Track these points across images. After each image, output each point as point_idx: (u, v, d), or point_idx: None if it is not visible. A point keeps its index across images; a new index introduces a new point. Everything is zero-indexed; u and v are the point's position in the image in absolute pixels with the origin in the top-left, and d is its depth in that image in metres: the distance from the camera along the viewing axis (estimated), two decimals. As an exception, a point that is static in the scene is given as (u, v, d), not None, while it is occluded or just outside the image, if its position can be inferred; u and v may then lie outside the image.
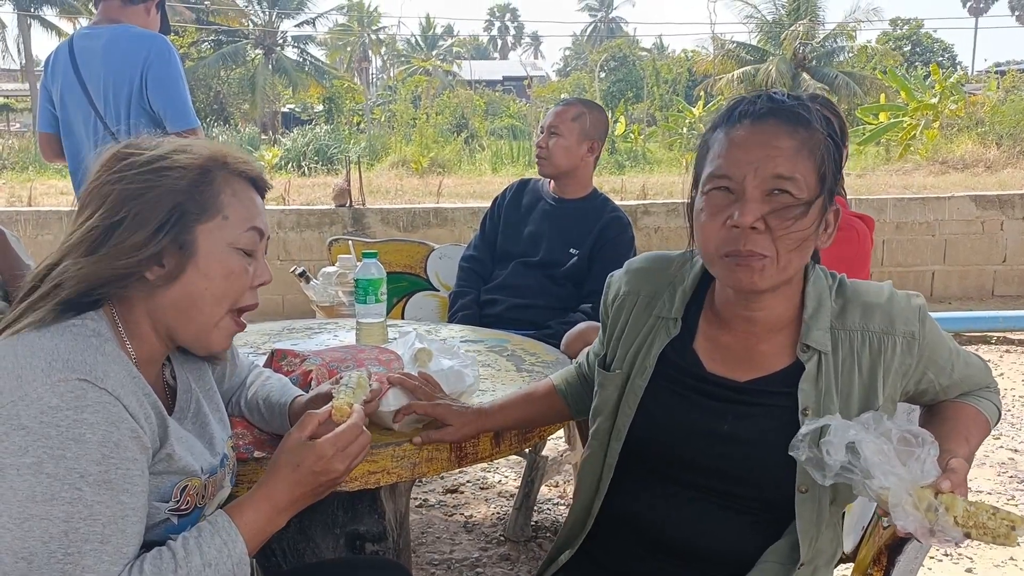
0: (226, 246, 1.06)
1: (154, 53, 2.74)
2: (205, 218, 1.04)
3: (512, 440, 1.53)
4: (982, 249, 6.60)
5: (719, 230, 1.11)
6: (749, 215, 1.08)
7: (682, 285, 1.27)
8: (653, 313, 1.27)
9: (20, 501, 0.89)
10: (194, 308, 1.05)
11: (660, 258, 1.33)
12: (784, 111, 1.12)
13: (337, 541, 1.69)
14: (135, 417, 0.96)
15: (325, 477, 1.08)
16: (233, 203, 1.06)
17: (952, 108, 15.69)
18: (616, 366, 1.30)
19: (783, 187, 1.09)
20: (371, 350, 1.66)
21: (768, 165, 1.09)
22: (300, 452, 1.07)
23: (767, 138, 1.10)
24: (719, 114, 1.18)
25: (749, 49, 25.63)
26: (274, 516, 1.06)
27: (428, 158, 15.38)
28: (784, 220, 1.09)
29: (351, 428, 1.10)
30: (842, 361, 1.17)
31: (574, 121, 2.70)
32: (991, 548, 2.64)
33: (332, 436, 1.08)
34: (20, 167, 15.43)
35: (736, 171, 1.10)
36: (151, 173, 1.02)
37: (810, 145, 1.11)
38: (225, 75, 27.72)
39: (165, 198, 1.02)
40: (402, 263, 3.15)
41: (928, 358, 1.21)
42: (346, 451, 1.09)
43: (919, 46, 40.17)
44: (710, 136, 1.17)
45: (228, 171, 1.07)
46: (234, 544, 1.01)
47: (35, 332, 0.97)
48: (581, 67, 46.25)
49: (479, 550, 2.65)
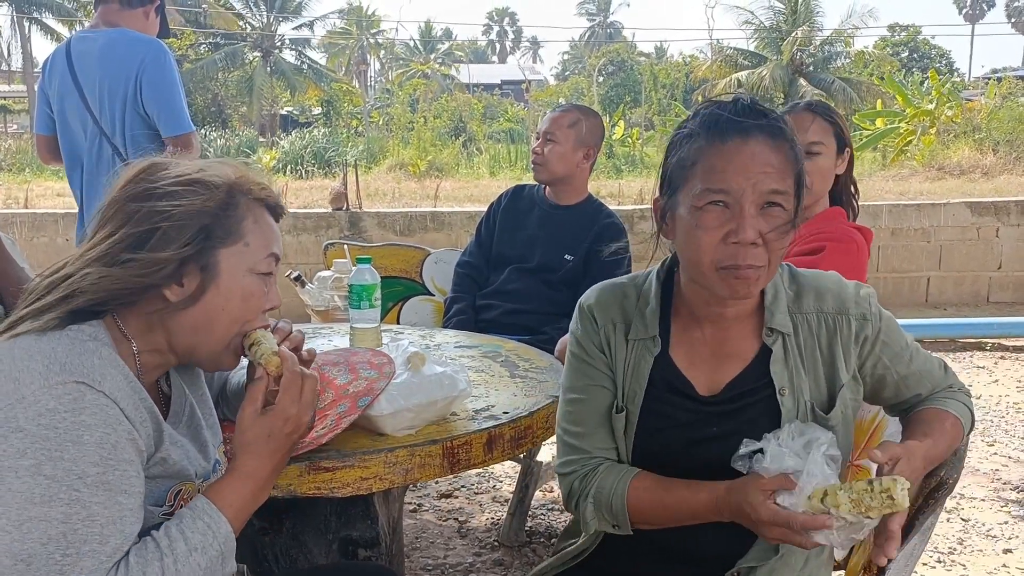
0: (246, 271, 1.08)
1: (149, 57, 2.74)
2: (229, 242, 1.06)
3: (505, 446, 1.53)
4: (977, 255, 6.61)
5: (718, 245, 1.13)
6: (751, 231, 1.11)
7: (648, 306, 1.28)
8: (629, 338, 1.28)
9: (19, 503, 0.90)
10: (211, 328, 1.07)
11: (614, 287, 1.33)
12: (769, 126, 1.15)
13: (330, 547, 1.69)
14: (131, 420, 0.97)
15: (297, 434, 1.10)
16: (255, 230, 1.09)
17: (949, 114, 15.72)
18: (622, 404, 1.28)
19: (776, 201, 1.13)
20: (364, 352, 1.67)
21: (765, 181, 1.12)
22: (265, 422, 1.08)
23: (760, 154, 1.13)
24: (697, 122, 1.19)
25: (747, 55, 25.68)
26: (258, 492, 1.08)
27: (426, 161, 15.37)
28: (779, 234, 1.13)
29: (293, 375, 1.11)
30: (804, 341, 1.23)
31: (570, 128, 2.71)
32: (984, 555, 2.65)
33: (284, 394, 1.09)
34: (17, 169, 15.40)
35: (734, 186, 1.12)
36: (182, 193, 1.04)
37: (791, 158, 1.16)
38: (223, 78, 27.72)
39: (194, 218, 1.03)
40: (398, 267, 3.15)
41: (883, 342, 1.24)
42: (304, 400, 1.10)
43: (916, 52, 40.29)
44: (691, 145, 1.17)
45: (251, 197, 1.10)
46: (219, 525, 1.02)
47: (33, 336, 0.98)
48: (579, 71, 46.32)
49: (473, 555, 2.65)
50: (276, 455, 1.09)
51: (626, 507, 1.22)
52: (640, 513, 1.22)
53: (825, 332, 1.23)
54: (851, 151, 2.12)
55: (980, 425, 3.88)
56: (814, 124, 2.07)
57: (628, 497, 1.22)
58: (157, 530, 1.02)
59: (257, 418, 1.09)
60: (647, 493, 1.22)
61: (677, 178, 1.19)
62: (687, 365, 1.26)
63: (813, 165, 2.06)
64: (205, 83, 26.35)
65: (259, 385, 1.11)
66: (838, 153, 2.09)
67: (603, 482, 1.24)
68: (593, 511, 1.24)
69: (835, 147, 2.08)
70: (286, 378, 1.10)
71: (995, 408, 4.16)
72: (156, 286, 1.03)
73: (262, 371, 1.12)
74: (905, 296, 6.56)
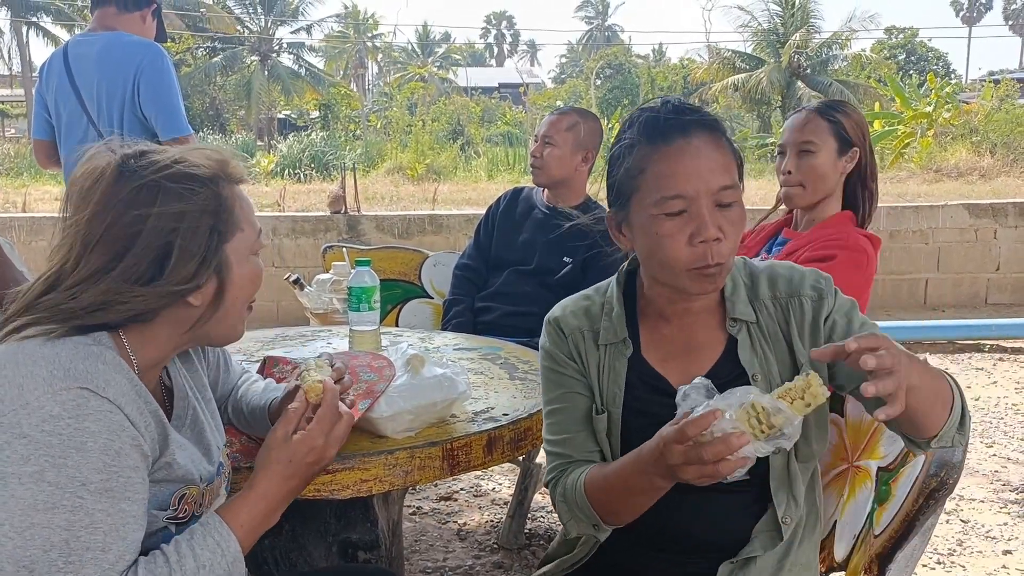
0: (248, 255, 1.09)
1: (147, 61, 2.74)
2: (230, 235, 1.06)
3: (505, 448, 1.53)
4: (976, 257, 6.62)
5: (686, 248, 1.15)
6: (714, 229, 1.13)
7: (613, 311, 1.30)
8: (600, 343, 1.30)
9: (22, 510, 0.89)
10: (225, 316, 1.08)
11: (577, 298, 1.36)
12: (704, 121, 1.17)
13: (330, 549, 1.69)
14: (136, 425, 0.97)
15: (318, 466, 1.10)
16: (244, 213, 1.08)
17: (946, 116, 15.76)
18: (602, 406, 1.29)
19: (729, 199, 1.16)
20: (363, 356, 1.66)
21: (714, 178, 1.14)
22: (290, 447, 1.08)
23: (704, 150, 1.15)
24: (636, 130, 1.20)
25: (744, 57, 25.73)
26: (270, 514, 1.08)
27: (424, 165, 15.38)
28: (734, 226, 1.16)
29: (330, 408, 1.11)
30: (766, 327, 1.25)
31: (568, 131, 2.71)
32: (983, 557, 2.65)
33: (316, 424, 1.10)
34: (15, 173, 15.39)
35: (689, 188, 1.14)
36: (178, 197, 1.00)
37: (730, 148, 1.19)
38: (221, 81, 27.73)
39: (202, 221, 1.02)
40: (396, 270, 3.15)
41: (845, 315, 1.22)
42: (333, 434, 1.11)
43: (914, 55, 40.36)
44: (634, 153, 1.18)
45: (228, 181, 1.08)
46: (228, 544, 1.02)
47: (39, 342, 0.97)
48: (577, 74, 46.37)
49: (472, 558, 2.65)
50: (291, 480, 1.09)
51: (585, 495, 1.22)
52: (597, 493, 1.21)
53: (782, 315, 1.25)
54: (863, 151, 2.07)
55: (979, 426, 3.89)
56: (809, 124, 2.06)
57: (585, 484, 1.23)
58: (166, 541, 1.02)
59: (285, 441, 1.09)
60: (598, 471, 1.22)
61: (626, 188, 1.20)
62: (660, 362, 1.28)
63: (805, 164, 2.06)
64: (203, 87, 26.37)
65: (297, 409, 1.12)
66: (841, 153, 2.06)
67: (568, 479, 1.26)
68: (566, 510, 1.26)
69: (834, 146, 2.04)
70: (322, 410, 1.11)
71: (994, 409, 4.17)
72: (186, 296, 1.03)
73: (303, 397, 1.13)
74: (903, 298, 6.57)
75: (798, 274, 1.26)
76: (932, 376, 1.08)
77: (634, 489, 1.16)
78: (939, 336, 5.46)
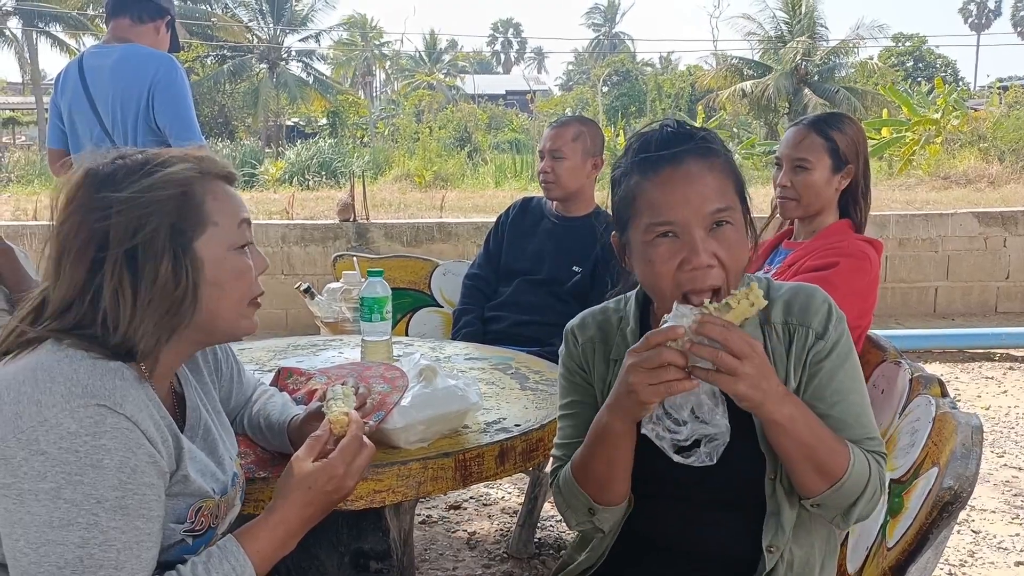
0: (227, 250, 1.06)
1: (161, 72, 2.78)
2: (199, 231, 1.04)
3: (517, 459, 1.54)
4: (985, 265, 6.59)
5: (674, 274, 1.15)
6: (704, 256, 1.13)
7: (628, 326, 1.31)
8: (609, 358, 1.31)
9: (37, 526, 0.90)
10: (215, 316, 1.06)
11: (597, 310, 1.37)
12: (697, 148, 1.17)
13: (342, 559, 1.70)
14: (152, 442, 0.97)
15: (337, 495, 1.10)
16: (218, 207, 1.06)
17: (954, 123, 15.72)
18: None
19: (723, 219, 1.15)
20: (376, 367, 1.67)
21: (706, 204, 1.14)
22: (310, 473, 1.08)
23: (695, 176, 1.15)
24: (629, 157, 1.21)
25: (751, 64, 25.73)
26: (287, 540, 1.08)
27: (431, 172, 15.43)
28: (731, 249, 1.15)
29: (354, 440, 1.11)
30: (772, 351, 1.23)
31: (575, 141, 2.71)
32: (995, 568, 2.63)
33: (339, 454, 1.09)
34: (26, 181, 15.49)
35: (676, 215, 1.14)
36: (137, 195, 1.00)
37: (726, 170, 1.18)
38: (230, 89, 27.87)
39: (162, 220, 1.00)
40: (406, 279, 3.16)
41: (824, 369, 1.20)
42: (354, 465, 1.10)
43: (921, 62, 40.31)
44: (627, 182, 1.20)
45: (202, 176, 1.07)
46: (243, 569, 1.02)
47: (56, 357, 0.97)
48: (584, 82, 46.43)
49: (482, 567, 2.65)
50: (309, 508, 1.08)
51: (572, 475, 1.26)
52: (577, 463, 1.25)
53: (788, 340, 1.23)
54: (856, 168, 2.07)
55: (990, 436, 3.87)
56: (805, 140, 2.08)
57: (572, 463, 1.26)
58: (184, 554, 1.03)
59: (306, 467, 1.09)
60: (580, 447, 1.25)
61: (623, 215, 1.22)
62: None
63: (799, 180, 2.08)
64: (211, 94, 26.50)
65: (320, 437, 1.12)
66: (835, 170, 2.07)
67: (562, 471, 1.30)
68: (562, 501, 1.30)
69: (829, 164, 2.06)
70: (346, 441, 1.11)
71: (1004, 419, 4.15)
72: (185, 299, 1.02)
73: (327, 426, 1.13)
74: (913, 306, 6.55)
75: (815, 305, 1.23)
76: (815, 437, 1.13)
77: (598, 438, 1.20)
78: (949, 345, 5.44)
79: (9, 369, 0.98)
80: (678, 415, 1.10)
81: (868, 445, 1.21)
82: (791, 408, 1.11)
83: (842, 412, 1.20)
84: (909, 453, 1.41)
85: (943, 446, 1.31)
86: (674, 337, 1.06)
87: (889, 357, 1.71)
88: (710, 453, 1.10)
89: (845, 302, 1.37)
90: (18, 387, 0.94)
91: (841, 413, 1.20)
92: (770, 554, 1.22)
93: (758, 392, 1.06)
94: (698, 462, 1.10)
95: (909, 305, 6.54)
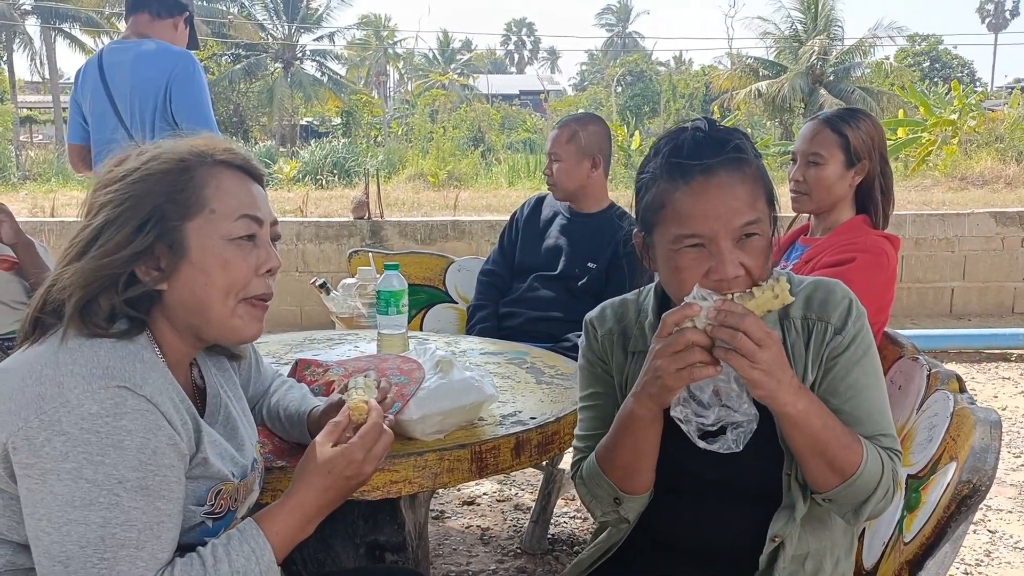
0: (219, 239, 1.05)
1: (179, 68, 2.81)
2: (191, 215, 1.03)
3: (532, 451, 1.54)
4: (1002, 266, 6.54)
5: (701, 282, 1.14)
6: (731, 267, 1.13)
7: (647, 319, 1.31)
8: (627, 350, 1.32)
9: (59, 506, 0.91)
10: (203, 304, 1.05)
11: (616, 302, 1.38)
12: (729, 159, 1.15)
13: (357, 551, 1.71)
14: (172, 424, 0.98)
15: (355, 481, 1.10)
16: (219, 195, 1.05)
17: (971, 124, 15.59)
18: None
19: (751, 231, 1.15)
20: (393, 359, 1.68)
21: (735, 217, 1.13)
22: (330, 460, 1.09)
23: (727, 189, 1.14)
24: (658, 162, 1.19)
25: (766, 64, 25.61)
26: (305, 524, 1.08)
27: (445, 171, 15.45)
28: (758, 258, 1.15)
29: (374, 427, 1.11)
30: (791, 346, 1.22)
31: (569, 143, 2.73)
32: (1012, 568, 2.62)
33: (358, 439, 1.10)
34: (43, 178, 15.63)
35: (705, 228, 1.14)
36: (129, 182, 1.03)
37: (757, 178, 1.17)
38: (244, 88, 28.01)
39: (144, 201, 1.02)
40: (421, 275, 3.17)
41: (841, 364, 1.20)
42: (373, 451, 1.11)
43: (938, 62, 40.01)
44: (655, 187, 1.19)
45: (210, 164, 1.07)
46: (262, 552, 1.03)
47: (78, 340, 0.98)
48: (598, 81, 46.35)
49: (496, 562, 2.65)
50: (328, 493, 1.08)
51: (596, 463, 1.26)
52: (602, 452, 1.25)
53: (807, 335, 1.22)
54: (870, 164, 2.07)
55: (1007, 437, 3.84)
56: (818, 135, 2.09)
57: (596, 452, 1.26)
58: (204, 536, 1.04)
59: (326, 452, 1.09)
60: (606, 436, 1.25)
61: (649, 219, 1.21)
62: None
63: (812, 174, 2.09)
64: (226, 93, 26.63)
65: (340, 423, 1.12)
66: (848, 165, 2.07)
67: (586, 462, 1.30)
68: (586, 492, 1.30)
69: (842, 159, 2.06)
70: (366, 427, 1.11)
71: (1021, 420, 4.11)
72: (124, 270, 1.02)
73: (347, 413, 1.14)
74: (929, 306, 6.51)
75: (835, 300, 1.23)
76: (828, 431, 1.12)
77: (624, 426, 1.20)
78: (965, 345, 5.40)
79: (30, 353, 1.00)
80: (701, 396, 1.10)
81: (882, 442, 1.20)
82: (805, 402, 1.11)
83: (855, 408, 1.20)
84: (927, 448, 1.41)
85: (962, 441, 1.31)
86: (691, 315, 1.07)
87: (907, 353, 1.70)
88: (736, 439, 1.11)
89: (863, 298, 1.36)
90: (40, 370, 0.96)
91: (854, 409, 1.20)
92: (772, 543, 1.21)
93: (771, 380, 1.06)
94: (723, 448, 1.10)
95: (925, 305, 6.50)
